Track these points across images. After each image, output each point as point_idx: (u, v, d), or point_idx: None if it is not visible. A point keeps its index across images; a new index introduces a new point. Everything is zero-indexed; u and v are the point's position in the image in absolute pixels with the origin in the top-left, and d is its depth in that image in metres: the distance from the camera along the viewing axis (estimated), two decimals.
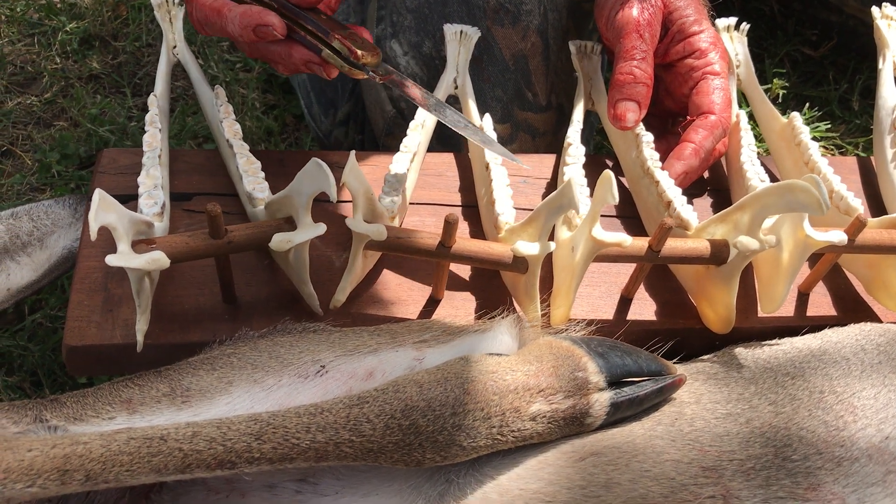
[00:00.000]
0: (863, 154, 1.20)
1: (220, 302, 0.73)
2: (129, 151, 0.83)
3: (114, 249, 0.74)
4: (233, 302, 0.72)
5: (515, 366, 0.56)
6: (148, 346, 0.67)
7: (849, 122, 1.24)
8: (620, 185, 0.85)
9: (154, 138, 0.77)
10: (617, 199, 0.61)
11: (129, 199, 0.78)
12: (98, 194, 0.57)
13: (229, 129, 0.79)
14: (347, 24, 0.73)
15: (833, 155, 1.19)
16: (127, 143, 1.15)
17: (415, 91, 0.73)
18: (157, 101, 0.81)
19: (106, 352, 0.69)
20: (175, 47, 0.88)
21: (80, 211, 0.87)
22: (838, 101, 1.26)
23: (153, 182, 0.74)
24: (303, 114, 1.20)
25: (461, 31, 0.86)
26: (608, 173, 0.62)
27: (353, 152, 0.62)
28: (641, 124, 0.81)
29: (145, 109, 1.23)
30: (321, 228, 0.63)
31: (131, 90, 1.24)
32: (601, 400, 0.57)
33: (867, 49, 1.25)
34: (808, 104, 1.23)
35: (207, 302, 0.73)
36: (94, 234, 0.56)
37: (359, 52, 0.70)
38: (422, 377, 0.54)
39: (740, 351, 0.68)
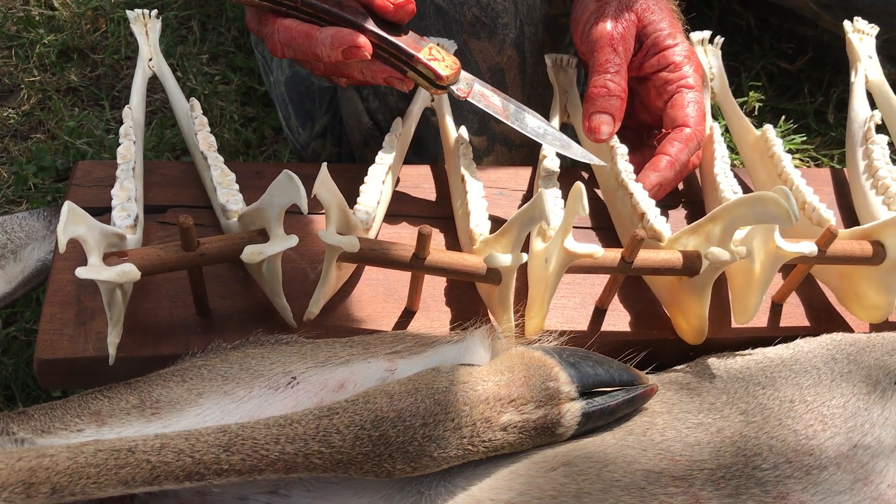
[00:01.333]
0: (838, 166, 1.21)
1: (194, 314, 0.72)
2: (104, 163, 0.83)
3: (82, 260, 0.74)
4: (206, 314, 0.72)
5: (486, 376, 0.56)
6: (121, 359, 0.66)
7: (824, 135, 1.25)
8: (596, 196, 0.86)
9: (128, 150, 0.77)
10: (587, 211, 0.61)
11: (103, 211, 0.78)
12: (67, 206, 0.57)
13: (203, 140, 0.79)
14: (424, 39, 0.75)
15: (808, 167, 1.20)
16: (105, 156, 1.15)
17: (495, 100, 0.77)
18: (131, 114, 0.81)
19: (78, 365, 0.69)
20: (151, 59, 0.88)
21: (55, 223, 0.86)
22: (814, 114, 1.27)
23: (126, 194, 0.73)
24: (281, 126, 1.20)
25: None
26: (579, 185, 0.62)
27: (324, 164, 0.62)
28: (616, 137, 0.82)
29: (122, 122, 1.23)
30: (293, 240, 0.63)
31: (110, 103, 1.23)
32: (573, 410, 0.57)
33: (842, 63, 1.26)
34: (783, 117, 1.25)
35: (181, 314, 0.72)
36: (62, 247, 0.56)
37: (443, 74, 0.73)
38: (392, 388, 0.54)
39: (713, 361, 0.68)
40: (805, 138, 1.23)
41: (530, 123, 0.76)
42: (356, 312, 0.74)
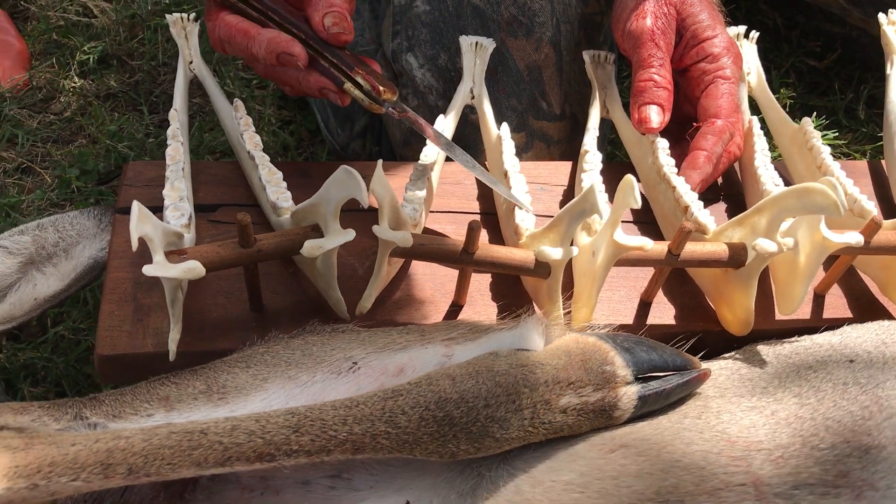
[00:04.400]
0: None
1: (248, 310, 0.74)
2: (153, 164, 0.85)
3: (140, 260, 0.76)
4: (260, 310, 0.74)
5: (545, 360, 0.57)
6: (178, 354, 0.68)
7: (855, 131, 1.26)
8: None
9: (177, 151, 0.79)
10: (639, 203, 0.62)
11: (154, 210, 0.79)
12: (136, 206, 0.58)
13: (250, 140, 0.81)
14: (364, 59, 0.75)
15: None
16: (146, 158, 1.17)
17: (428, 130, 0.76)
18: (177, 116, 0.82)
19: (137, 360, 0.70)
20: (192, 62, 0.90)
21: (105, 221, 0.88)
22: (844, 110, 1.28)
23: (178, 194, 0.75)
24: (318, 128, 1.22)
25: (477, 43, 0.88)
26: (630, 178, 0.63)
27: (380, 161, 0.64)
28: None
29: (162, 126, 1.25)
30: (350, 234, 0.64)
31: (148, 107, 1.26)
32: (629, 393, 0.58)
33: (870, 59, 1.27)
34: (815, 114, 1.25)
35: (235, 310, 0.74)
36: (135, 245, 0.58)
37: (381, 87, 0.73)
38: (454, 371, 0.55)
39: (762, 348, 0.69)
40: (837, 134, 1.24)
41: (460, 157, 0.75)
42: (405, 307, 0.75)
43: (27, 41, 1.32)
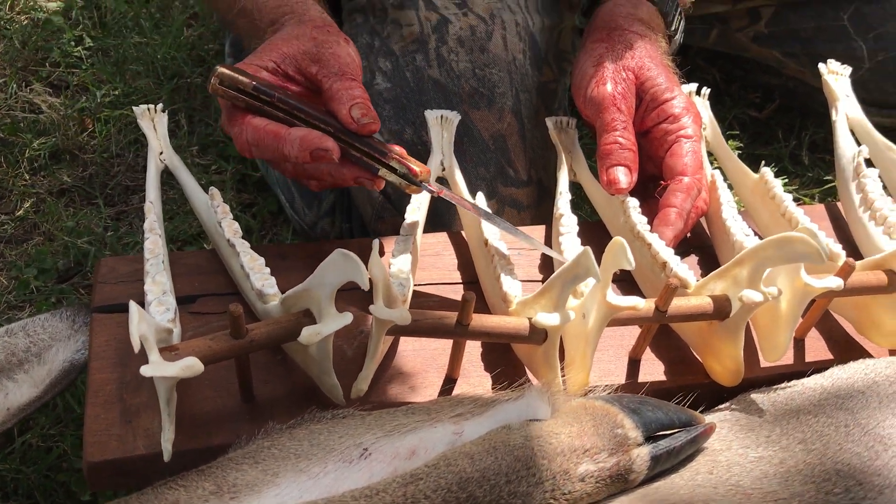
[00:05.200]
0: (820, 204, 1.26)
1: (238, 402, 0.72)
2: (126, 259, 0.83)
3: (122, 359, 0.74)
4: (251, 401, 0.72)
5: (558, 429, 0.57)
6: (172, 454, 0.66)
7: (802, 176, 1.31)
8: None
9: (156, 244, 0.78)
10: (633, 265, 0.64)
11: None
12: (135, 307, 0.57)
13: (229, 228, 0.80)
14: (387, 144, 0.77)
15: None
16: (106, 253, 1.15)
17: (466, 203, 0.78)
18: (153, 208, 0.82)
19: (129, 465, 0.68)
20: (162, 153, 0.89)
21: (79, 322, 0.85)
22: (789, 157, 1.33)
23: (161, 288, 0.74)
24: (280, 209, 1.22)
25: (442, 116, 0.90)
26: (620, 240, 0.65)
27: (376, 241, 0.64)
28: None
29: (119, 218, 1.23)
30: (348, 318, 0.63)
31: (104, 200, 1.24)
32: (642, 454, 0.58)
33: (808, 107, 1.33)
34: (762, 162, 1.30)
35: (226, 403, 0.72)
36: (136, 347, 0.56)
37: (417, 169, 0.75)
38: (470, 448, 0.54)
39: (756, 397, 0.70)
40: (787, 180, 1.28)
41: (501, 224, 0.77)
42: (398, 385, 0.75)
43: None
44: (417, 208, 0.83)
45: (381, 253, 0.76)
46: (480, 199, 0.84)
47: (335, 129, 0.74)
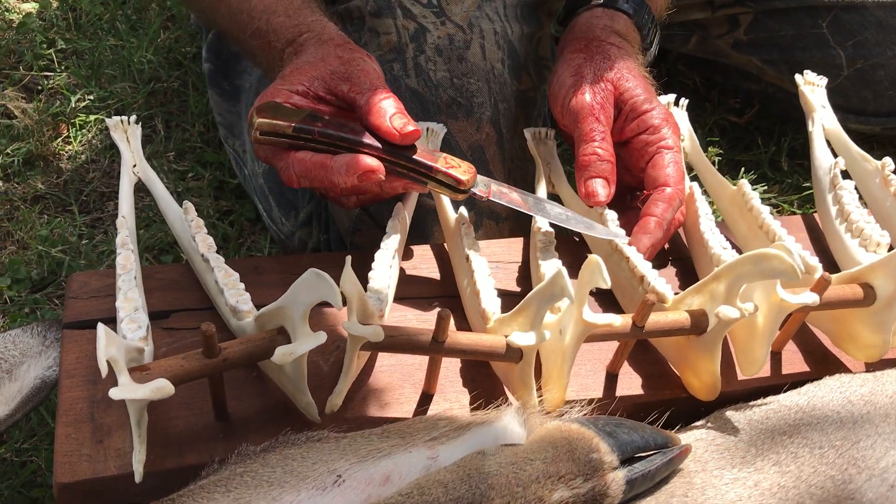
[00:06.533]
0: (798, 211, 1.27)
1: (212, 420, 0.71)
2: (98, 274, 0.82)
3: (94, 376, 0.73)
4: (225, 419, 0.71)
5: (532, 454, 0.57)
6: (144, 475, 0.65)
7: (781, 182, 1.31)
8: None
9: (128, 260, 0.77)
10: (608, 283, 0.63)
11: (105, 322, 0.76)
12: (102, 329, 0.56)
13: (203, 243, 0.79)
14: (433, 153, 0.78)
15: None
16: (81, 262, 1.13)
17: (514, 196, 0.81)
18: (125, 222, 0.80)
19: (100, 485, 0.67)
20: (135, 166, 0.88)
21: (50, 338, 0.84)
22: (768, 163, 1.33)
23: (133, 305, 0.73)
24: (258, 217, 1.21)
25: (428, 129, 0.89)
26: (595, 258, 0.64)
27: (348, 258, 0.63)
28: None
29: (95, 226, 1.22)
30: (322, 337, 0.63)
31: (79, 207, 1.22)
32: (617, 479, 0.58)
33: (787, 113, 1.34)
34: (742, 169, 1.30)
35: (199, 421, 0.71)
36: (104, 371, 0.55)
37: (464, 179, 0.77)
38: (444, 476, 0.54)
39: (732, 414, 0.70)
40: (766, 187, 1.29)
41: (553, 211, 0.80)
42: (374, 401, 0.74)
43: None
44: (398, 222, 0.82)
45: (366, 266, 0.76)
46: (464, 212, 0.84)
47: (378, 150, 0.76)
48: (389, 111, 0.77)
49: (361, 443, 0.60)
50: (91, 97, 1.36)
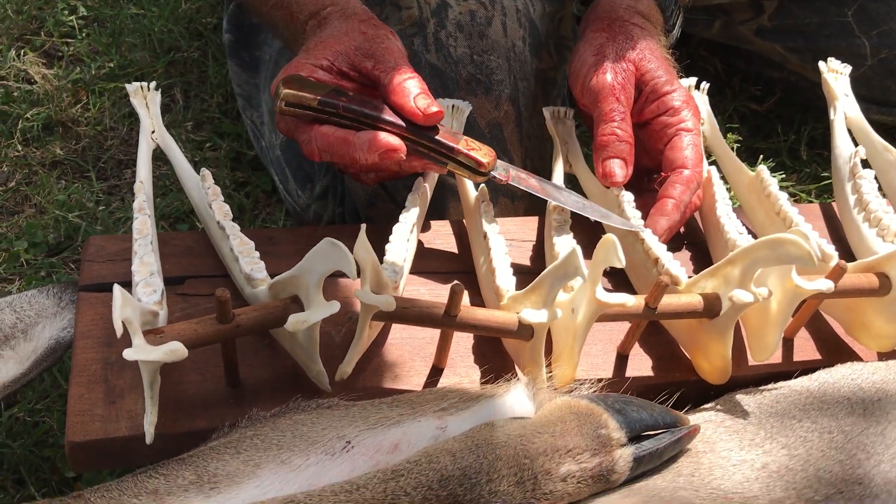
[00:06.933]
0: (815, 201, 1.26)
1: (224, 386, 0.72)
2: (115, 238, 0.83)
3: (108, 339, 0.74)
4: (237, 385, 0.72)
5: (541, 427, 0.57)
6: (155, 437, 0.65)
7: (799, 171, 1.30)
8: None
9: (144, 225, 0.77)
10: (623, 262, 0.63)
11: (121, 286, 0.77)
12: (119, 291, 0.57)
13: (219, 210, 0.79)
14: (454, 135, 0.79)
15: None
16: (98, 228, 1.14)
17: (532, 181, 0.81)
18: (143, 188, 0.81)
19: (111, 446, 0.68)
20: (154, 132, 0.88)
21: (66, 300, 0.85)
22: (787, 151, 1.32)
23: (149, 269, 0.73)
24: (274, 189, 1.21)
25: (453, 105, 0.89)
26: (611, 237, 0.64)
27: (363, 226, 0.63)
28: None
29: (112, 193, 1.22)
30: (335, 307, 0.63)
31: (96, 174, 1.23)
32: (624, 455, 0.58)
33: (809, 102, 1.32)
34: (761, 157, 1.29)
35: (210, 387, 0.72)
36: (119, 331, 0.56)
37: (484, 161, 0.77)
38: (453, 445, 0.54)
39: (742, 397, 0.70)
40: (784, 175, 1.28)
41: (569, 199, 0.80)
42: (385, 373, 0.75)
43: None
44: (418, 196, 0.82)
45: (382, 240, 0.76)
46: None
47: (401, 129, 0.76)
48: (413, 91, 0.76)
49: (371, 411, 0.60)
50: (111, 65, 1.36)
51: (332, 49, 0.80)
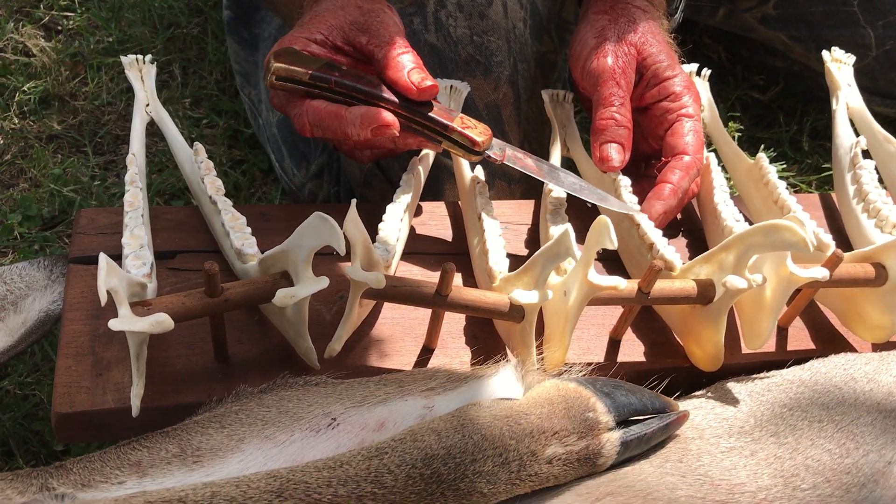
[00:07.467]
0: (816, 192, 1.25)
1: (212, 361, 0.71)
2: (107, 211, 0.82)
3: (97, 311, 0.73)
4: (225, 360, 0.71)
5: (528, 409, 0.56)
6: (142, 410, 0.65)
7: (801, 162, 1.29)
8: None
9: (136, 198, 0.76)
10: (616, 244, 0.62)
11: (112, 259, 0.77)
12: (104, 259, 0.56)
13: (211, 185, 0.79)
14: (449, 112, 0.77)
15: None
16: (92, 203, 1.13)
17: (528, 162, 0.79)
18: (135, 160, 0.80)
19: (98, 418, 0.67)
20: (148, 105, 0.87)
21: (56, 272, 0.85)
22: (789, 142, 1.31)
23: (139, 242, 0.72)
24: (270, 168, 1.20)
25: (451, 86, 0.88)
26: (604, 219, 0.63)
27: (353, 202, 0.63)
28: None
29: (108, 168, 1.22)
30: (324, 282, 0.63)
31: (92, 149, 1.22)
32: (612, 439, 0.58)
33: (812, 92, 1.31)
34: (762, 146, 1.28)
35: (199, 361, 0.71)
36: (103, 299, 0.55)
37: (479, 140, 0.75)
38: (438, 425, 0.54)
39: (733, 385, 0.70)
40: (784, 166, 1.27)
41: (567, 180, 0.79)
42: (375, 351, 0.74)
43: None
44: (413, 177, 0.81)
45: (376, 219, 0.76)
46: (480, 172, 0.83)
47: (394, 105, 0.75)
48: (408, 65, 0.75)
49: (358, 389, 0.59)
50: (110, 39, 1.35)
51: (327, 23, 0.79)
